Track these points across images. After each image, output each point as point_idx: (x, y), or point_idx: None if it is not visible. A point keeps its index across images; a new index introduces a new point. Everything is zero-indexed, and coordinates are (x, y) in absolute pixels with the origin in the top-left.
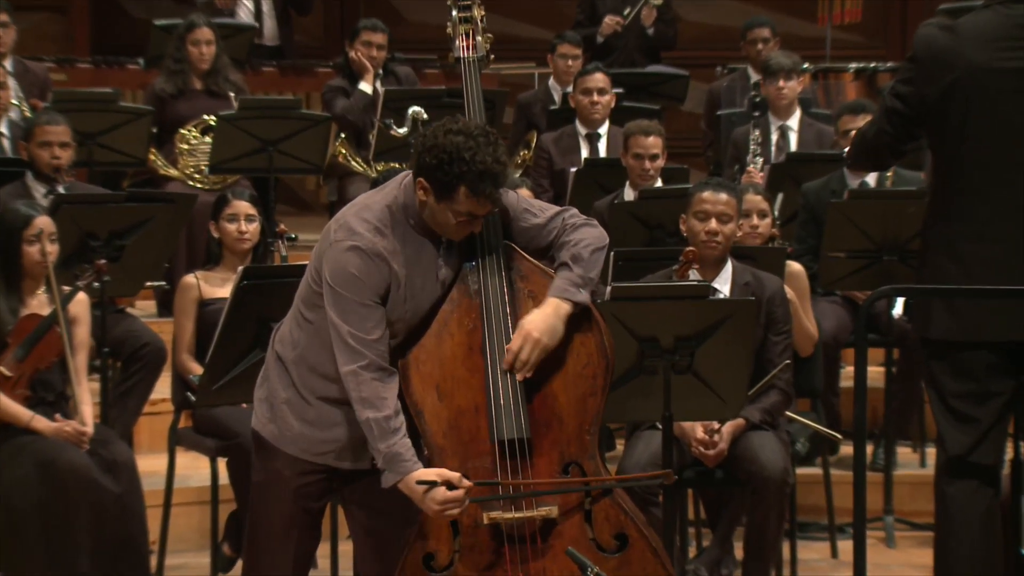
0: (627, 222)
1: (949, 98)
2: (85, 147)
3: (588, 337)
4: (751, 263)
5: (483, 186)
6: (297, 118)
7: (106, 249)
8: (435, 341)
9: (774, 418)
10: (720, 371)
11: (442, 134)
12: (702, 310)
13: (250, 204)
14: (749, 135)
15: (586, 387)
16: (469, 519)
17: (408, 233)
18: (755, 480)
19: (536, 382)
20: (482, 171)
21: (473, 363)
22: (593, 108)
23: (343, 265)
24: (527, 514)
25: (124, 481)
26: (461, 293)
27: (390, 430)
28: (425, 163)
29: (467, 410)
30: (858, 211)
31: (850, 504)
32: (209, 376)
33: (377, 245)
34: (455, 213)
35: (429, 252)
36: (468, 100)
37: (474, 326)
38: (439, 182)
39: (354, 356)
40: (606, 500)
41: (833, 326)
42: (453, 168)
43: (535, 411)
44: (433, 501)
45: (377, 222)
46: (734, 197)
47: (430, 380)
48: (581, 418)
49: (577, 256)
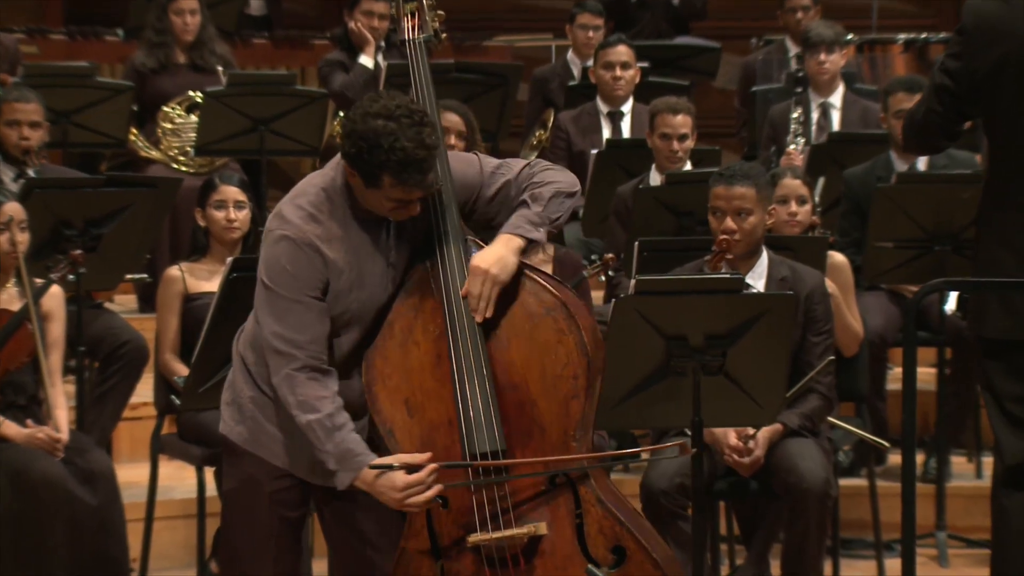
0: (653, 209)
1: (1000, 73)
2: (58, 126)
3: (565, 335)
4: (789, 255)
5: (407, 174)
6: (291, 95)
7: (82, 238)
8: (400, 352)
9: (814, 424)
10: (755, 372)
11: (359, 118)
12: (735, 305)
13: (239, 189)
14: (787, 113)
15: (567, 389)
16: (451, 543)
17: (349, 216)
18: (793, 492)
19: (512, 389)
20: (403, 160)
21: (443, 373)
22: (616, 84)
23: (274, 258)
24: (512, 532)
25: (102, 493)
26: (424, 296)
27: (334, 427)
28: (345, 150)
29: (440, 424)
30: (907, 196)
31: (898, 519)
32: (195, 377)
33: (308, 234)
34: (384, 199)
35: (375, 235)
36: (416, 87)
37: (440, 332)
38: (362, 171)
39: (285, 360)
40: (599, 511)
41: (879, 323)
42: (373, 157)
43: (513, 420)
44: (393, 488)
45: (311, 207)
46: (752, 187)
47: (398, 395)
48: (564, 424)
49: (537, 196)
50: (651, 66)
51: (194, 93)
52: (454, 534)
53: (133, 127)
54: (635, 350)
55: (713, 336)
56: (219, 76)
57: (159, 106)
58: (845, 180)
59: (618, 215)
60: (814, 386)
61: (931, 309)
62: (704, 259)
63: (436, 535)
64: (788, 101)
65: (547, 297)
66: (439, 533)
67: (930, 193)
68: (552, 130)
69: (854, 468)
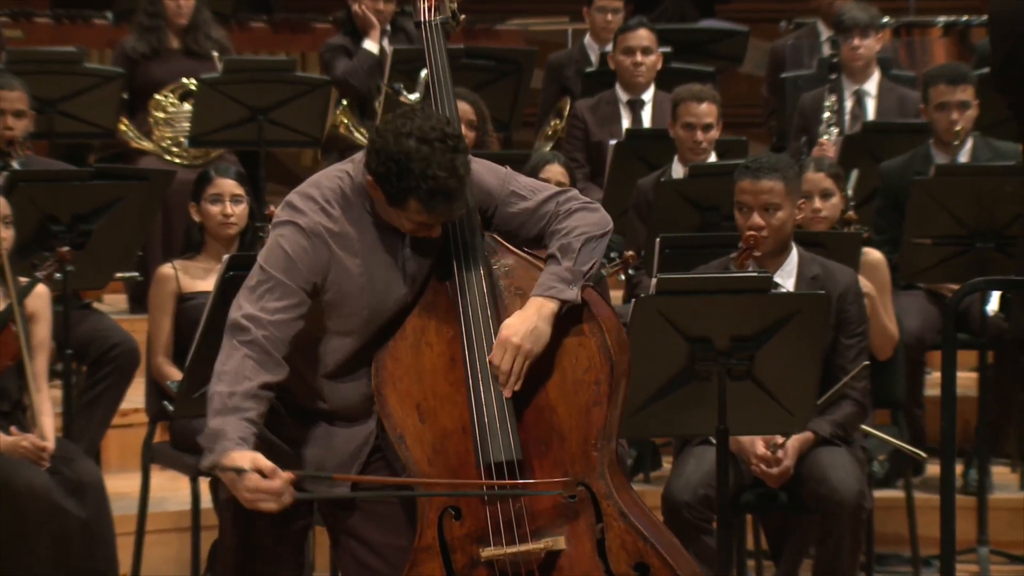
0: (675, 203)
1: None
2: (44, 115)
3: (587, 338)
4: (820, 252)
5: (435, 203)
6: (291, 82)
7: (69, 234)
8: (412, 353)
9: (847, 432)
10: (784, 377)
11: (392, 137)
12: (763, 306)
13: (236, 183)
14: (819, 101)
15: (588, 395)
16: (464, 558)
17: (365, 218)
18: (825, 504)
19: (529, 394)
20: (433, 188)
21: (457, 376)
22: (636, 70)
23: (276, 241)
24: (528, 547)
25: (90, 505)
26: (439, 296)
27: (229, 407)
28: (373, 167)
29: (453, 431)
30: (947, 190)
31: (936, 533)
32: (189, 382)
33: (319, 225)
34: (408, 220)
35: (391, 241)
36: (433, 72)
37: (455, 333)
38: (387, 191)
39: (237, 332)
40: (621, 525)
41: (917, 325)
42: (402, 181)
43: (530, 428)
44: (244, 488)
45: (324, 201)
46: (781, 180)
47: (409, 399)
48: (585, 432)
49: (567, 247)
50: (674, 51)
51: (188, 80)
52: (467, 548)
53: (123, 116)
54: (656, 353)
55: (739, 338)
56: (215, 62)
57: (151, 94)
58: (881, 173)
59: (638, 210)
60: (847, 392)
61: (972, 310)
62: (730, 256)
63: (447, 548)
64: (820, 88)
65: None
66: (451, 546)
67: (971, 186)
68: (568, 120)
69: (890, 479)
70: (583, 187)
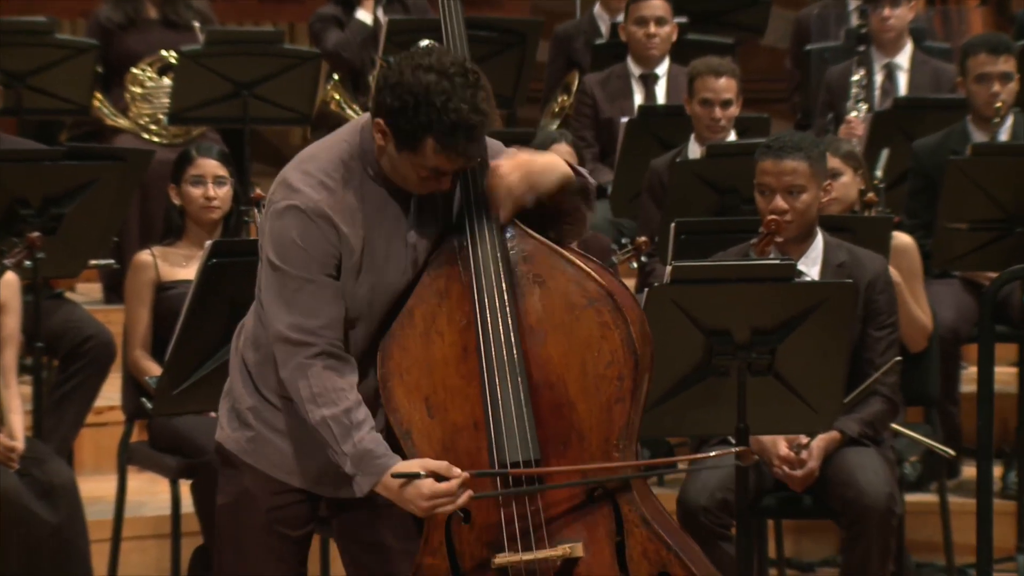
0: (692, 185)
1: None
2: (12, 90)
3: (610, 330)
4: (847, 237)
5: (455, 140)
6: (278, 55)
7: (40, 219)
8: (421, 343)
9: (877, 431)
10: (808, 372)
11: (409, 70)
12: (786, 295)
13: (220, 163)
14: (847, 76)
15: (610, 391)
16: (473, 563)
17: (368, 185)
18: (852, 509)
19: (547, 388)
20: (455, 122)
21: (469, 368)
22: (649, 42)
23: (283, 232)
24: (545, 554)
25: (62, 509)
26: (451, 281)
27: (353, 424)
28: (386, 104)
29: (464, 427)
30: (984, 171)
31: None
32: (169, 378)
33: (320, 204)
34: (418, 167)
35: (394, 210)
36: (448, 38)
37: (468, 321)
38: (401, 129)
39: (297, 349)
40: (644, 532)
41: (951, 316)
42: (420, 115)
43: (547, 425)
44: (420, 497)
45: (322, 174)
46: (805, 160)
47: (417, 392)
48: (606, 431)
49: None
50: (690, 21)
51: (167, 53)
52: (477, 553)
53: (97, 91)
54: (671, 347)
55: (760, 331)
56: (196, 33)
57: (127, 67)
58: (913, 152)
59: (652, 192)
60: (876, 388)
61: (1010, 299)
62: (750, 242)
63: (456, 554)
64: (848, 61)
65: (591, 286)
66: (460, 552)
67: (1010, 167)
68: (576, 95)
69: (922, 482)
70: (592, 168)
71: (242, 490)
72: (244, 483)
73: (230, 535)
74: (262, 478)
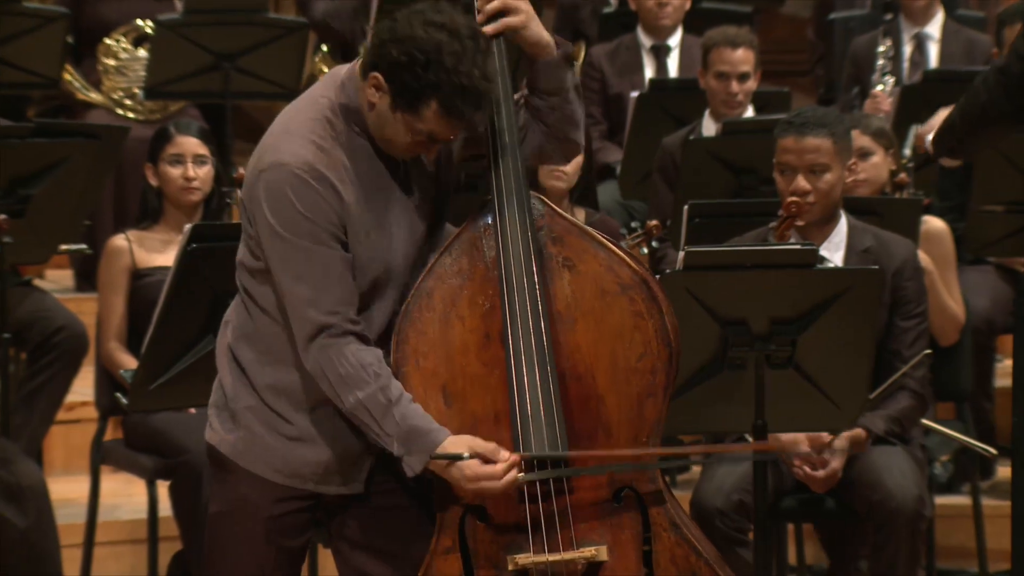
0: (707, 165)
1: None
2: None
3: (643, 320)
4: (874, 221)
5: (461, 105)
6: (262, 24)
7: (6, 201)
8: (440, 327)
9: (905, 429)
10: (831, 365)
11: (420, 25)
12: (807, 283)
13: (200, 141)
14: (873, 47)
15: (642, 385)
16: (489, 565)
17: (355, 142)
18: (879, 512)
19: (575, 379)
20: (464, 86)
21: (492, 355)
22: (661, 11)
23: (280, 200)
24: (569, 556)
25: (31, 512)
26: (473, 261)
27: (390, 401)
28: (391, 57)
29: (485, 418)
30: (1021, 150)
31: (1007, 545)
32: (146, 371)
33: (317, 164)
34: (413, 130)
35: (388, 165)
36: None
37: (491, 306)
38: (405, 87)
39: (317, 328)
40: (672, 536)
41: (986, 305)
42: (428, 74)
43: (574, 419)
44: (464, 479)
45: (310, 132)
46: (829, 137)
47: (434, 380)
48: (636, 427)
49: None
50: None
51: (143, 22)
52: (493, 554)
53: (68, 64)
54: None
55: (780, 321)
56: (174, 1)
57: (100, 38)
58: None
59: (663, 173)
60: (905, 382)
61: None
62: (769, 226)
63: (471, 553)
64: (874, 32)
65: (625, 272)
66: (474, 551)
67: None
68: (583, 68)
69: (954, 483)
70: (600, 147)
71: (239, 497)
72: (241, 490)
73: (223, 546)
74: (260, 484)
